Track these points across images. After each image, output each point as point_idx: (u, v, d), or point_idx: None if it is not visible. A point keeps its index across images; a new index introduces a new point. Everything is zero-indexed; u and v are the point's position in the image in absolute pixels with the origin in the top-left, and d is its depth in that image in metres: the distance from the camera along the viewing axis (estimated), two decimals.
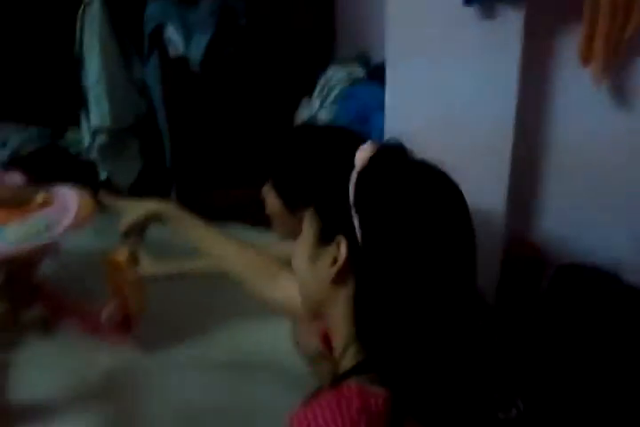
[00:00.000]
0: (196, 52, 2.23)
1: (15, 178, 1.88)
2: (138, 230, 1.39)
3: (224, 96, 2.40)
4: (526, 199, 1.68)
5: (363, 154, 0.77)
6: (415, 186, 0.74)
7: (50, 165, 2.69)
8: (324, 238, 0.76)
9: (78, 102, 2.44)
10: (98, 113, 2.32)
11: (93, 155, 2.44)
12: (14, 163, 2.76)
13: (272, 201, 1.30)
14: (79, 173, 2.59)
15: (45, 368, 1.72)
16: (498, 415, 1.26)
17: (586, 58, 1.40)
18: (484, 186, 1.56)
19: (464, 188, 1.56)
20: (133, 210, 1.34)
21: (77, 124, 2.54)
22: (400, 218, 0.71)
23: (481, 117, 1.53)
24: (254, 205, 1.45)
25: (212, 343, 1.82)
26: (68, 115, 2.60)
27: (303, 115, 2.46)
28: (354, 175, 0.75)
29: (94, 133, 2.37)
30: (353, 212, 0.72)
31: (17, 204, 1.63)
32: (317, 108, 2.44)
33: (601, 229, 1.63)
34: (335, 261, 0.72)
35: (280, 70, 2.41)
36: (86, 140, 2.44)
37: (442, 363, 0.73)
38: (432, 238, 0.72)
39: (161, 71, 2.31)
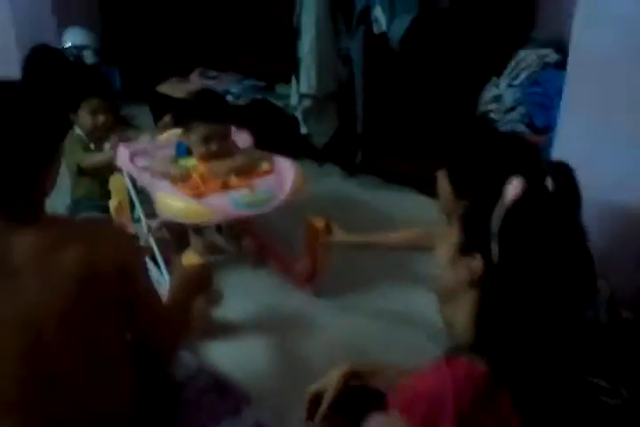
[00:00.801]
0: (398, 30, 2.45)
1: (244, 137, 2.27)
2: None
3: (418, 72, 2.61)
4: None
5: (512, 191, 0.97)
6: (549, 231, 0.96)
7: (261, 116, 3.12)
8: (463, 248, 1.01)
9: (292, 66, 2.78)
10: (306, 81, 2.65)
11: (298, 114, 2.80)
12: (233, 110, 3.23)
13: (443, 184, 1.55)
14: (283, 125, 3.00)
15: (242, 293, 2.14)
16: (602, 400, 1.47)
17: None
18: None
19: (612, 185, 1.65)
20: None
21: (287, 81, 2.91)
22: (532, 254, 0.95)
23: None
24: (429, 175, 1.65)
25: (375, 299, 2.15)
26: (281, 72, 2.97)
27: (490, 93, 2.61)
28: (501, 210, 0.96)
29: (301, 98, 2.72)
30: (494, 239, 0.95)
31: (246, 171, 2.03)
32: (504, 89, 2.58)
33: None
34: (468, 268, 0.98)
35: (474, 50, 2.54)
36: (293, 100, 2.81)
37: (547, 356, 0.97)
38: (555, 271, 0.94)
39: (364, 46, 2.57)
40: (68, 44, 3.47)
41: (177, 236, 2.20)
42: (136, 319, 1.31)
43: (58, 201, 2.35)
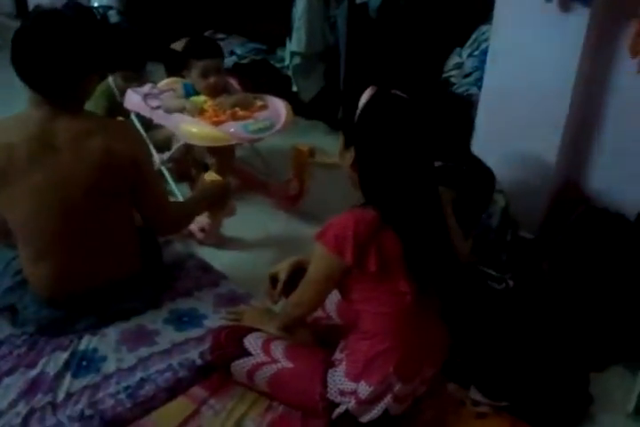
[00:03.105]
0: (375, 0, 2.88)
1: (234, 83, 2.72)
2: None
3: (393, 38, 3.04)
4: (581, 152, 2.19)
5: (365, 96, 1.43)
6: (386, 122, 1.41)
7: (260, 74, 3.56)
8: (346, 145, 1.47)
9: (287, 28, 3.21)
10: (296, 40, 3.09)
11: (289, 72, 3.25)
12: (236, 68, 3.67)
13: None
14: (278, 83, 3.43)
15: (241, 217, 2.50)
16: (490, 285, 1.92)
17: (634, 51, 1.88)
18: (540, 133, 2.15)
19: (522, 132, 2.12)
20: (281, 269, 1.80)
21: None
22: (372, 138, 1.40)
23: (546, 76, 2.09)
24: None
25: None
26: (282, 37, 3.38)
27: (453, 61, 3.03)
28: (358, 111, 1.42)
29: (292, 55, 3.16)
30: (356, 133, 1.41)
31: (246, 106, 2.49)
32: (465, 58, 3.00)
33: None
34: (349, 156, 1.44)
35: (442, 23, 2.98)
36: (287, 60, 3.24)
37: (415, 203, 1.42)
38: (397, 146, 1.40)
39: (348, 13, 3.01)
40: (95, 4, 3.92)
41: (180, 169, 2.77)
42: (142, 204, 1.78)
43: None
